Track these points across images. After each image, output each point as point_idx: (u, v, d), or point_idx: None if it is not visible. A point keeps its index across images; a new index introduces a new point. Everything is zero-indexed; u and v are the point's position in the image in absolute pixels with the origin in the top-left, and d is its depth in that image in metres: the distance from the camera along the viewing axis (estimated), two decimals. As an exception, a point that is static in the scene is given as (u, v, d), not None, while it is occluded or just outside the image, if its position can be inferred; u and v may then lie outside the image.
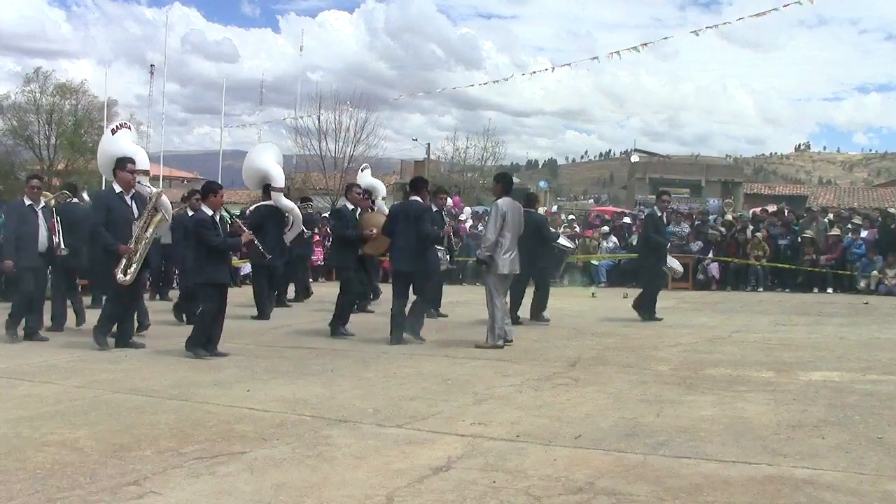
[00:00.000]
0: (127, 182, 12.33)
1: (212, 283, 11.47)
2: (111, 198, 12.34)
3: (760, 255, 24.37)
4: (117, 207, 12.16)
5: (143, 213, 12.12)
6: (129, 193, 12.38)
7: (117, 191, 12.29)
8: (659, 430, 7.15)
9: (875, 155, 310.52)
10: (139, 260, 11.93)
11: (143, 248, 12.02)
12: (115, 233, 11.94)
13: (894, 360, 10.94)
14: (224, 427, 7.23)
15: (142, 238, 12.02)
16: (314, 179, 58.56)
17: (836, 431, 7.07)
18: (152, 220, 12.19)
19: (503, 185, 12.85)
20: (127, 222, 12.07)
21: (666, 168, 70.76)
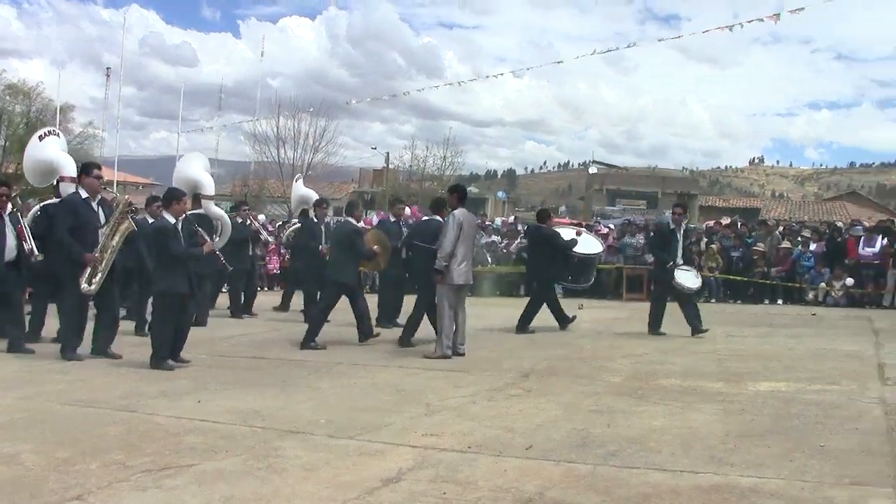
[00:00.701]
0: (93, 188, 12.15)
1: (172, 293, 11.38)
2: (78, 204, 12.07)
3: (714, 266, 24.49)
4: (84, 214, 11.96)
5: (110, 221, 12.00)
6: (96, 199, 12.20)
7: (83, 196, 12.07)
8: (609, 440, 7.19)
9: (825, 170, 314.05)
10: (105, 269, 11.82)
11: (109, 257, 11.90)
12: (81, 240, 11.76)
13: (839, 370, 11.05)
14: (173, 439, 7.19)
15: (108, 246, 11.90)
16: (271, 187, 58.37)
17: (780, 440, 7.17)
18: (119, 227, 12.07)
19: (458, 196, 12.88)
20: (93, 229, 11.91)
21: (623, 180, 71.02)
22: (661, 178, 72.64)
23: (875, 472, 6.16)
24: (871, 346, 13.61)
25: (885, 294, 22.55)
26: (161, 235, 11.31)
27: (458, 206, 12.69)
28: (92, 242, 11.80)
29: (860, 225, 26.33)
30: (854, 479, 5.99)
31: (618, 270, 25.71)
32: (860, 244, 23.25)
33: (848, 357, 12.26)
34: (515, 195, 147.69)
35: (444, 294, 12.45)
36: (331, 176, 66.34)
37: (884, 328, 16.52)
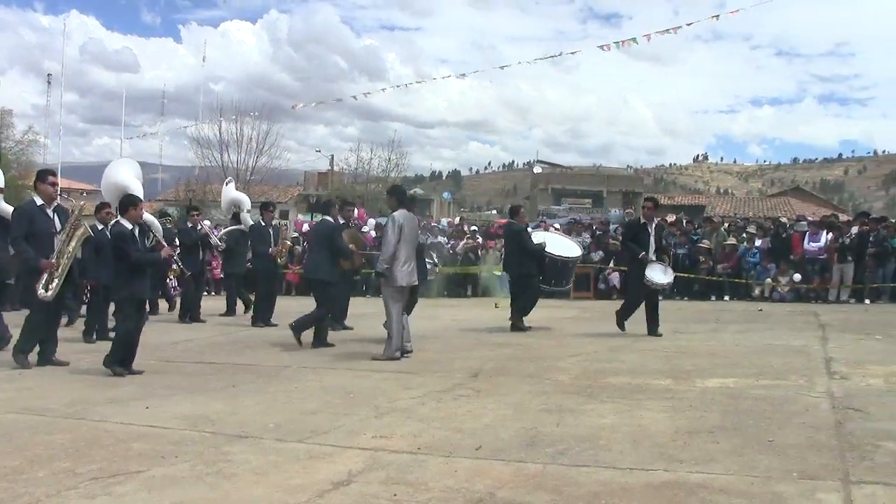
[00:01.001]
0: (49, 195, 12.03)
1: (132, 299, 11.32)
2: (33, 210, 11.93)
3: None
4: (39, 220, 11.82)
5: (66, 227, 11.88)
6: (51, 206, 12.07)
7: (38, 203, 11.94)
8: (559, 439, 7.20)
9: (769, 166, 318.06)
10: (61, 275, 11.70)
11: (66, 263, 11.78)
12: (36, 246, 11.64)
13: (786, 365, 11.13)
14: (121, 446, 7.13)
15: (64, 252, 11.78)
16: (215, 191, 58.06)
17: (729, 436, 7.21)
18: (74, 233, 11.95)
19: (397, 198, 12.89)
20: (49, 236, 11.79)
21: (568, 179, 71.23)
22: (606, 177, 72.86)
23: (823, 466, 6.21)
24: (817, 341, 13.74)
25: (831, 289, 22.78)
26: (120, 241, 11.18)
27: (399, 207, 12.68)
28: (48, 249, 11.69)
29: (805, 220, 26.58)
30: (802, 473, 6.03)
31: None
32: (805, 239, 23.51)
33: (795, 352, 12.36)
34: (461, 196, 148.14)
35: (389, 296, 12.44)
36: (276, 179, 66.13)
37: (830, 323, 16.68)
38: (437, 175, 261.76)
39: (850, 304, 22.04)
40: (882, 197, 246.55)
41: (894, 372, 10.41)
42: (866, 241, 22.59)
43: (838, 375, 10.30)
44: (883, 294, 22.49)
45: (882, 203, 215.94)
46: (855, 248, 22.53)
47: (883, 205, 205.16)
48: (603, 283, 25.77)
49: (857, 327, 15.82)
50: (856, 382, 9.79)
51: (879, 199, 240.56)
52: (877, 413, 8.03)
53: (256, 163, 59.75)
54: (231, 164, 59.03)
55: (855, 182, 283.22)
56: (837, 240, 22.85)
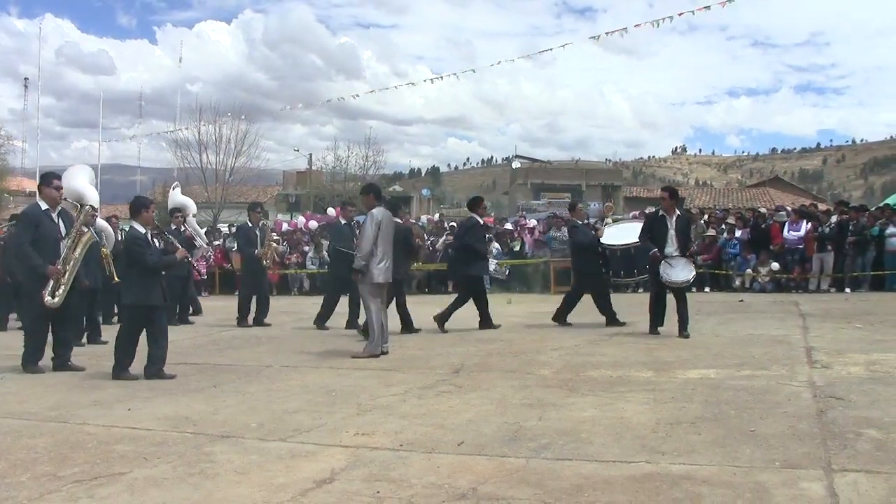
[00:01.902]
0: (53, 199, 11.85)
1: (141, 305, 11.17)
2: (38, 215, 11.74)
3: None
4: (45, 225, 11.65)
5: (71, 232, 11.77)
6: (56, 211, 11.89)
7: (43, 208, 11.77)
8: (541, 433, 7.21)
9: (747, 157, 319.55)
10: (68, 281, 11.59)
11: (72, 269, 11.67)
12: (42, 252, 11.47)
13: (767, 355, 11.17)
14: (104, 448, 7.10)
15: (70, 258, 11.68)
16: (195, 192, 57.90)
17: (711, 427, 7.23)
18: (80, 239, 11.85)
19: (374, 195, 12.92)
20: (55, 241, 11.64)
21: (547, 173, 71.26)
22: (585, 171, 72.95)
23: (805, 455, 6.23)
24: (798, 331, 13.80)
25: (811, 278, 22.87)
26: (135, 246, 11.06)
27: (376, 205, 12.71)
28: (53, 255, 11.56)
29: (784, 210, 26.68)
30: (785, 462, 6.05)
31: (545, 264, 25.76)
32: (785, 229, 23.59)
33: (776, 342, 12.40)
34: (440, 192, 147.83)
35: (367, 293, 12.46)
36: (254, 179, 65.95)
37: (810, 312, 16.74)
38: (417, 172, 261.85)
39: (830, 293, 22.14)
40: (861, 186, 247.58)
41: (875, 360, 10.46)
42: (846, 230, 22.66)
43: (819, 364, 10.34)
44: (863, 283, 22.58)
45: (861, 192, 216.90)
46: (835, 237, 22.62)
47: (861, 193, 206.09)
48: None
49: (837, 316, 15.88)
50: (837, 371, 9.83)
51: (858, 187, 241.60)
52: (858, 401, 8.06)
53: (235, 163, 59.46)
54: (210, 165, 58.80)
55: (834, 171, 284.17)
56: (817, 229, 22.94)
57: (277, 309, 14.76)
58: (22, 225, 11.94)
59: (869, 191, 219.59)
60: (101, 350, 13.51)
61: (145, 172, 77.89)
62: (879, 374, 9.48)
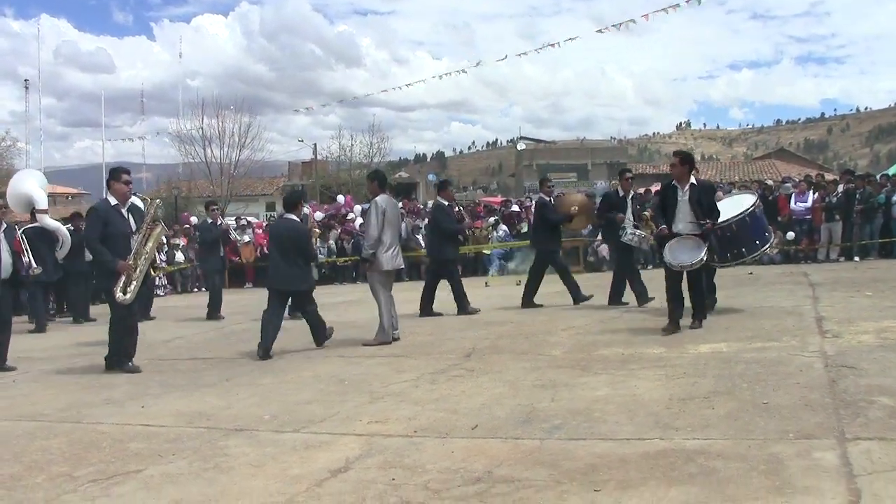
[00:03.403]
0: (123, 194, 11.65)
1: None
2: (108, 211, 11.49)
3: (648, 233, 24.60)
4: (115, 221, 11.44)
5: (142, 227, 11.71)
6: (126, 206, 11.71)
7: (113, 203, 11.54)
8: (554, 414, 7.21)
9: (752, 129, 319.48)
10: (140, 277, 11.54)
11: (144, 264, 11.61)
12: (112, 248, 11.27)
13: (777, 326, 11.16)
14: (118, 446, 7.12)
15: (141, 253, 11.64)
16: (200, 187, 57.90)
17: (724, 401, 7.23)
18: (152, 233, 11.81)
19: (378, 183, 12.90)
20: (125, 237, 11.50)
21: (553, 154, 71.29)
22: (590, 150, 72.96)
23: (818, 425, 6.23)
24: (808, 301, 13.78)
25: (820, 248, 22.85)
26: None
27: (380, 192, 12.70)
28: (124, 250, 11.40)
29: (790, 181, 26.64)
30: (798, 433, 6.05)
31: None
32: (792, 199, 23.57)
33: (786, 313, 12.38)
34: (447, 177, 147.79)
35: (376, 281, 12.45)
36: (260, 171, 65.98)
37: (820, 282, 16.72)
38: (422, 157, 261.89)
39: (839, 262, 22.11)
40: (866, 154, 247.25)
41: (885, 328, 10.44)
42: (853, 199, 22.63)
43: (830, 334, 10.32)
44: (871, 251, 22.53)
45: (867, 160, 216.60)
46: (842, 206, 22.60)
47: (867, 162, 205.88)
48: (592, 255, 25.83)
49: (847, 285, 15.85)
50: (848, 340, 9.80)
51: (864, 156, 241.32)
52: (869, 369, 8.05)
53: (240, 156, 59.49)
54: (214, 160, 58.85)
55: (839, 141, 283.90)
56: (824, 199, 22.92)
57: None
58: (91, 221, 11.67)
59: (875, 159, 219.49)
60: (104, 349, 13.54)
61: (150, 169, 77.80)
62: (890, 342, 9.46)
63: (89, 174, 79.81)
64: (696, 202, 11.65)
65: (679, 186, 11.82)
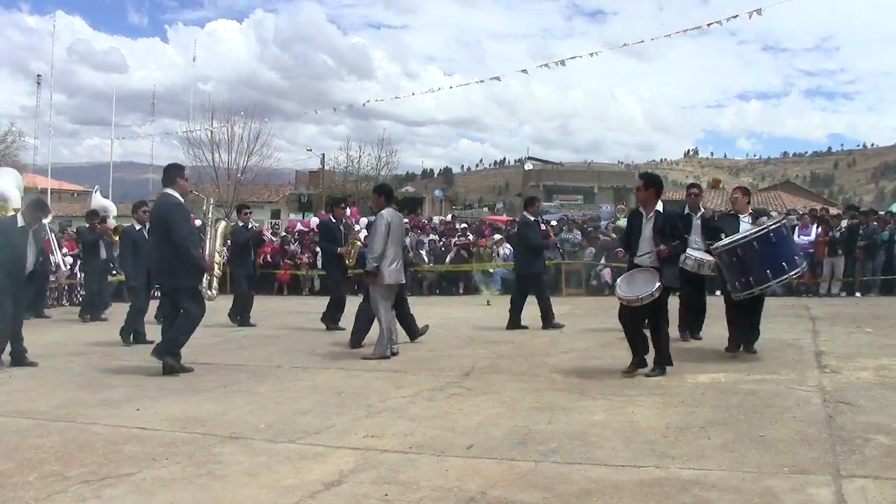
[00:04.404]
0: (186, 190, 11.66)
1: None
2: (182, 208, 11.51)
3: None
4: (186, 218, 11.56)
5: (209, 224, 11.66)
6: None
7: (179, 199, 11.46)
8: (550, 436, 7.20)
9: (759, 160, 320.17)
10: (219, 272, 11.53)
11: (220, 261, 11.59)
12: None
13: (776, 359, 11.14)
14: (112, 448, 7.11)
15: (214, 251, 11.64)
16: (207, 191, 57.92)
17: (721, 431, 7.21)
18: (218, 230, 11.78)
19: (385, 196, 12.86)
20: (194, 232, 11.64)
21: (560, 175, 71.39)
22: (597, 173, 73.07)
23: (814, 460, 6.22)
24: (808, 335, 13.77)
25: (822, 282, 22.85)
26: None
27: (386, 205, 12.68)
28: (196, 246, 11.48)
29: (794, 213, 26.67)
30: (794, 467, 6.04)
31: (556, 266, 25.71)
32: (795, 233, 23.55)
33: (786, 346, 12.36)
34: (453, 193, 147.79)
35: (378, 295, 12.43)
36: (266, 178, 66.03)
37: (820, 316, 16.72)
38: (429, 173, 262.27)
39: (840, 297, 22.13)
40: (871, 190, 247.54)
41: (884, 365, 10.43)
42: (856, 235, 22.65)
43: (829, 369, 10.31)
44: (873, 287, 22.56)
45: (871, 196, 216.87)
46: (845, 241, 22.62)
47: (872, 198, 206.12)
48: (595, 279, 25.81)
49: (847, 320, 15.84)
50: (846, 376, 9.79)
51: (869, 192, 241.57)
52: (867, 406, 8.04)
53: (247, 162, 59.54)
54: (222, 164, 58.91)
55: (845, 175, 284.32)
56: (828, 233, 22.94)
57: (288, 309, 14.77)
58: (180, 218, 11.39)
59: (879, 195, 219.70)
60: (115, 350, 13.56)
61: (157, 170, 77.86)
62: (889, 380, 9.45)
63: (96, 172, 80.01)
64: (658, 231, 10.54)
65: (644, 213, 10.87)
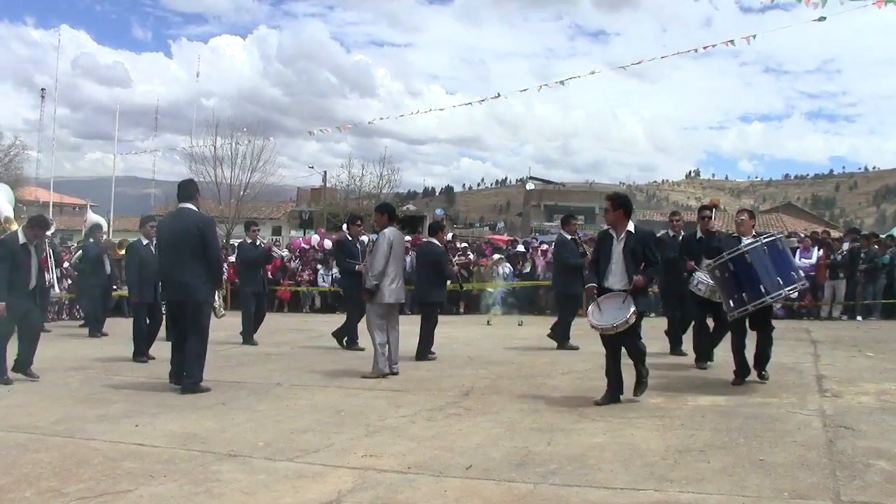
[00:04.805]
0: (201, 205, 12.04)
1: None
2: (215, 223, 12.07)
3: (653, 281, 24.55)
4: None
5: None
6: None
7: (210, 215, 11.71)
8: (549, 458, 7.18)
9: (761, 182, 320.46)
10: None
11: None
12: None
13: (777, 382, 11.08)
14: (110, 464, 7.10)
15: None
16: (208, 206, 57.94)
17: (720, 455, 7.19)
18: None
19: (388, 215, 12.85)
20: None
21: (561, 195, 71.59)
22: (598, 193, 73.09)
23: (813, 485, 6.20)
24: (809, 358, 13.72)
25: (823, 305, 22.82)
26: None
27: (388, 224, 12.68)
28: None
29: (796, 236, 26.65)
30: (794, 492, 6.02)
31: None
32: (797, 255, 23.52)
33: (786, 369, 12.31)
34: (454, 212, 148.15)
35: (373, 313, 12.41)
36: (268, 195, 66.09)
37: (821, 339, 16.66)
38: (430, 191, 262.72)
39: (841, 320, 22.07)
40: (873, 213, 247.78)
41: (886, 389, 10.40)
42: (857, 258, 22.62)
43: (830, 393, 10.28)
44: (874, 310, 22.50)
45: (873, 219, 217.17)
46: (846, 264, 22.60)
47: (874, 221, 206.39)
48: (595, 299, 25.74)
49: (848, 344, 15.80)
50: (847, 400, 9.77)
51: (870, 215, 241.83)
52: (868, 431, 8.02)
53: (250, 179, 59.58)
54: (224, 180, 58.93)
55: (846, 198, 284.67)
56: (829, 256, 22.92)
57: (288, 326, 14.75)
58: (215, 232, 11.91)
59: (881, 218, 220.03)
60: (114, 366, 13.55)
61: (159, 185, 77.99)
62: (890, 405, 9.42)
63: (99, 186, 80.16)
64: (629, 253, 10.15)
65: (614, 234, 10.49)
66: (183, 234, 11.39)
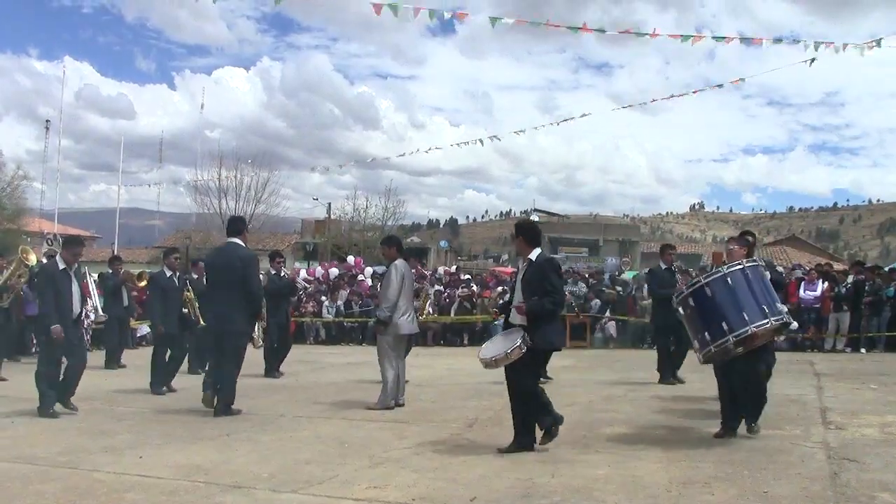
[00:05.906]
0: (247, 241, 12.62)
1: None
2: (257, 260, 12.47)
3: (655, 313, 24.56)
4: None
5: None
6: None
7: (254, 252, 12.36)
8: (553, 490, 7.17)
9: (765, 215, 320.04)
10: None
11: None
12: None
13: (781, 414, 11.06)
14: (113, 496, 7.10)
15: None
16: (213, 238, 57.98)
17: (725, 487, 7.17)
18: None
19: (397, 248, 12.90)
20: None
21: (565, 228, 71.47)
22: (603, 226, 73.22)
23: (817, 518, 6.19)
24: (813, 390, 13.69)
25: (827, 338, 22.79)
26: None
27: (398, 256, 12.68)
28: None
29: (800, 269, 26.64)
30: (797, 524, 6.01)
31: (561, 318, 25.61)
32: (801, 288, 23.52)
33: (790, 401, 12.30)
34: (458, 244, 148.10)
35: (385, 344, 12.41)
36: (272, 227, 66.18)
37: (825, 372, 16.64)
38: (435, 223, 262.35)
39: (846, 352, 22.02)
40: (877, 245, 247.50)
41: (890, 422, 10.39)
42: (862, 291, 22.61)
43: (834, 425, 10.27)
44: (878, 343, 22.45)
45: (877, 252, 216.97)
46: (851, 297, 22.58)
47: (878, 253, 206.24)
48: (599, 331, 25.76)
49: (852, 376, 15.78)
50: (851, 432, 9.76)
51: (874, 247, 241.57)
52: (872, 464, 8.00)
53: (255, 210, 59.69)
54: (229, 211, 58.98)
55: (850, 231, 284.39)
56: (833, 289, 22.90)
57: (293, 358, 14.72)
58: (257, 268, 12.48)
59: (885, 251, 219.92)
60: (118, 396, 13.54)
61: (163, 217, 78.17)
62: (894, 437, 9.42)
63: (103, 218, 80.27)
64: (526, 283, 9.32)
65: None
66: (226, 268, 11.94)
